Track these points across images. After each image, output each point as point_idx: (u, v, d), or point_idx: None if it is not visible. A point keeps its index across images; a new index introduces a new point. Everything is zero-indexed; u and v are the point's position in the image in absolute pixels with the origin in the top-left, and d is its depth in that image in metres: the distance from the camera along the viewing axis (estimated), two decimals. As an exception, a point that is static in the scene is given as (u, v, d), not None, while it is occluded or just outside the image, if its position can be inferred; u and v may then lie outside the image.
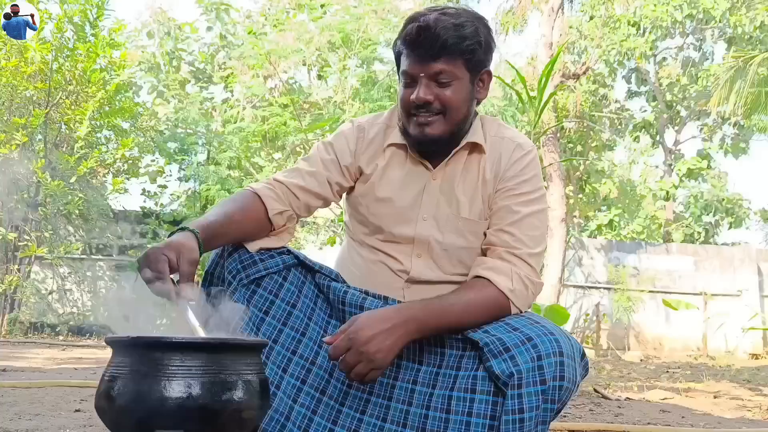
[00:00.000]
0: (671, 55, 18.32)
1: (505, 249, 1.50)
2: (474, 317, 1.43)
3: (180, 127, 11.68)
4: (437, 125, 1.52)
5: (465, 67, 1.51)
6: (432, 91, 1.49)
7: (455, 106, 1.51)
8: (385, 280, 1.61)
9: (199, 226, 1.39)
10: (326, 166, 1.63)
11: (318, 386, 1.50)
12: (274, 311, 1.52)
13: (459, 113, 1.53)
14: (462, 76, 1.51)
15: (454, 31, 1.47)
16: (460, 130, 1.56)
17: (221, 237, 1.46)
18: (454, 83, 1.50)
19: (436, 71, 1.48)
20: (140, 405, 1.01)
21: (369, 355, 1.32)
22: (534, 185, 1.57)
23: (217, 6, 13.47)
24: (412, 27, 1.50)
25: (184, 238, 1.32)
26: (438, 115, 1.51)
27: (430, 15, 1.50)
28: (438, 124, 1.52)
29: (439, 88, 1.50)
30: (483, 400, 1.37)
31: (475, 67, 1.53)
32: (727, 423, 3.24)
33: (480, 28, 1.52)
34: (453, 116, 1.52)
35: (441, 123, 1.52)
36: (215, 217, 1.45)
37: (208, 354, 1.04)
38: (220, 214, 1.47)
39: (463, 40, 1.48)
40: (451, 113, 1.51)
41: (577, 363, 1.37)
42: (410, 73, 1.51)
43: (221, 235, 1.45)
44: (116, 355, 1.07)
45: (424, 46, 1.47)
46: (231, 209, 1.50)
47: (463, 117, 1.55)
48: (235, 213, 1.49)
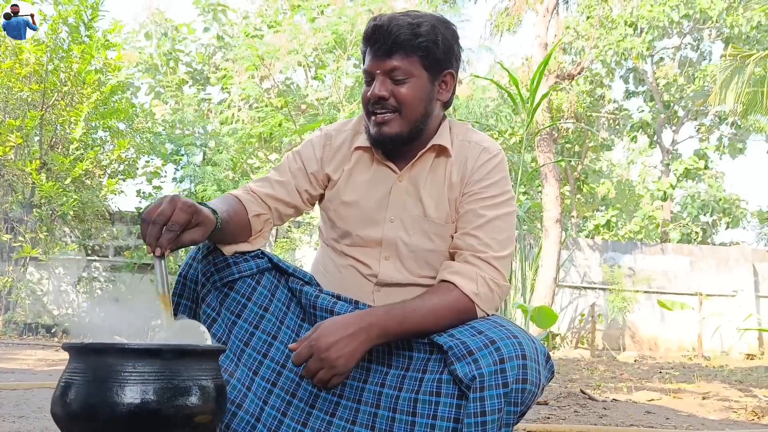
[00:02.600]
0: (669, 55, 18.32)
1: (471, 252, 1.51)
2: (438, 321, 1.44)
3: (177, 128, 11.69)
4: (394, 123, 1.54)
5: (421, 65, 1.53)
6: (387, 88, 1.52)
7: (410, 103, 1.53)
8: (355, 284, 1.62)
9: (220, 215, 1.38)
10: (294, 174, 1.65)
11: (288, 389, 1.51)
12: (246, 314, 1.53)
13: (415, 111, 1.54)
14: (418, 75, 1.53)
15: (408, 29, 1.50)
16: (419, 131, 1.57)
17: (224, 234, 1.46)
18: (410, 81, 1.52)
19: (390, 68, 1.51)
20: (93, 411, 1.02)
21: (330, 361, 1.34)
22: (500, 189, 1.58)
23: (214, 7, 13.49)
24: (369, 25, 1.54)
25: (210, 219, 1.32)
26: (394, 113, 1.53)
27: (388, 15, 1.55)
28: (394, 122, 1.54)
29: (394, 85, 1.52)
30: (447, 403, 1.39)
31: (434, 66, 1.55)
32: (711, 424, 3.25)
33: (439, 28, 1.54)
34: (408, 114, 1.54)
35: (397, 121, 1.54)
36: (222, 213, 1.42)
37: (161, 360, 1.05)
38: (222, 211, 1.44)
39: (417, 37, 1.50)
40: (407, 111, 1.53)
41: (541, 366, 1.38)
42: (368, 70, 1.55)
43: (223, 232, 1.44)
44: (71, 361, 1.08)
45: (379, 43, 1.51)
46: (226, 208, 1.49)
47: (421, 116, 1.56)
48: (231, 213, 1.50)
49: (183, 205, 1.22)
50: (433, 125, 1.60)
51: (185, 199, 1.24)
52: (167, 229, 1.20)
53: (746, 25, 14.11)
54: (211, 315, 1.51)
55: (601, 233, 17.28)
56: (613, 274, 11.39)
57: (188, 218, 1.23)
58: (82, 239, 9.55)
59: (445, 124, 1.64)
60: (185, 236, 1.24)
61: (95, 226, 9.22)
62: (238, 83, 11.05)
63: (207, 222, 1.29)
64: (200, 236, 1.27)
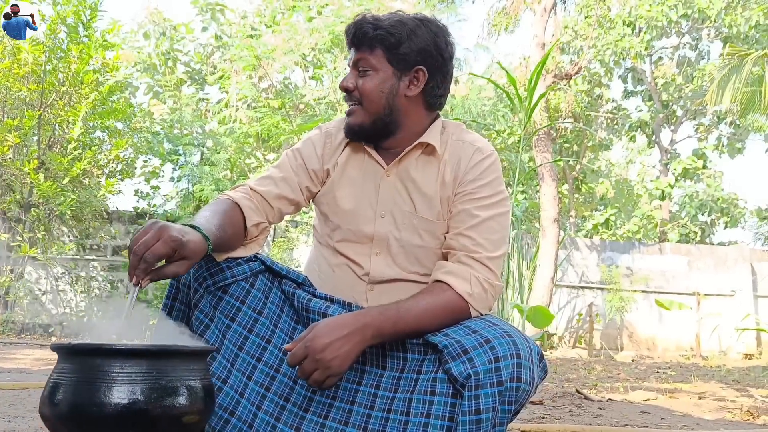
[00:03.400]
0: (667, 55, 18.34)
1: (464, 253, 1.52)
2: (432, 321, 1.45)
3: (175, 127, 11.70)
4: (357, 115, 1.60)
5: (386, 59, 1.57)
6: (353, 80, 1.58)
7: (368, 95, 1.57)
8: (348, 284, 1.63)
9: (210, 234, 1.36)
10: (296, 171, 1.66)
11: (282, 393, 1.51)
12: (240, 318, 1.53)
13: (375, 104, 1.58)
14: (381, 68, 1.57)
15: (375, 22, 1.56)
16: (385, 124, 1.60)
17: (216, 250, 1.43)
18: (371, 73, 1.57)
19: (356, 59, 1.58)
20: (80, 411, 1.03)
21: (325, 362, 1.34)
22: (493, 189, 1.59)
23: (212, 7, 13.49)
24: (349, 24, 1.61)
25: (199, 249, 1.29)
26: (357, 105, 1.59)
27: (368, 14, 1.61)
28: (357, 113, 1.60)
29: (359, 77, 1.58)
30: (441, 401, 1.39)
31: (399, 61, 1.57)
32: (706, 424, 3.25)
33: (411, 25, 1.57)
34: (368, 106, 1.58)
35: (360, 113, 1.59)
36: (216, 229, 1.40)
37: (148, 360, 1.05)
38: (219, 227, 1.43)
39: (376, 29, 1.55)
40: (366, 103, 1.58)
41: (535, 365, 1.39)
42: (348, 65, 1.62)
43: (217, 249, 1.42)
44: (60, 362, 1.09)
45: (350, 36, 1.58)
46: (222, 221, 1.46)
47: (383, 109, 1.58)
48: (226, 225, 1.47)
49: (168, 238, 1.20)
50: (412, 121, 1.62)
51: (172, 232, 1.21)
52: (143, 259, 1.18)
53: (744, 25, 14.13)
54: (204, 321, 1.50)
55: (600, 233, 17.30)
56: (610, 273, 11.40)
57: (168, 252, 1.21)
58: (80, 239, 9.56)
59: (437, 124, 1.65)
60: (168, 269, 1.23)
61: (93, 225, 9.22)
62: (236, 83, 11.06)
63: (193, 255, 1.27)
64: (184, 270, 1.26)
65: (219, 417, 1.44)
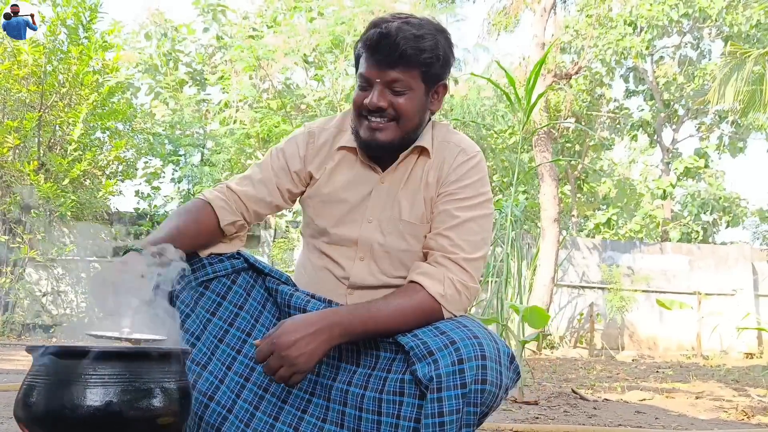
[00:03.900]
0: (668, 54, 18.29)
1: (441, 253, 1.51)
2: (403, 322, 1.45)
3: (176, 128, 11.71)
4: (389, 131, 1.54)
5: (421, 78, 1.53)
6: (386, 98, 1.52)
7: (408, 115, 1.54)
8: (329, 286, 1.63)
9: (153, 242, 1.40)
10: (276, 172, 1.66)
11: (261, 384, 1.53)
12: (221, 312, 1.57)
13: (411, 122, 1.56)
14: (417, 87, 1.54)
15: (414, 42, 1.49)
16: (410, 139, 1.59)
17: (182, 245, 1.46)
18: (409, 93, 1.53)
19: (391, 79, 1.51)
20: (54, 414, 1.03)
21: (290, 359, 1.34)
22: (475, 190, 1.58)
23: (213, 7, 13.51)
24: (374, 32, 1.52)
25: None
26: (391, 122, 1.54)
27: (393, 23, 1.52)
28: (389, 130, 1.54)
29: (393, 95, 1.52)
30: (410, 403, 1.39)
31: (431, 79, 1.56)
32: (700, 424, 3.25)
33: (440, 42, 1.55)
34: (405, 124, 1.55)
35: (393, 130, 1.55)
36: (165, 233, 1.46)
37: (122, 362, 1.05)
38: (173, 228, 1.49)
39: (422, 52, 1.50)
40: (404, 122, 1.54)
41: (504, 367, 1.37)
42: (366, 76, 1.54)
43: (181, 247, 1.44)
44: (34, 363, 1.09)
45: (383, 53, 1.50)
46: (185, 222, 1.53)
47: (415, 126, 1.57)
48: (189, 226, 1.52)
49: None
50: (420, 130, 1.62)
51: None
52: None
53: (746, 24, 14.07)
54: (185, 311, 1.54)
55: (602, 232, 17.27)
56: (611, 273, 11.38)
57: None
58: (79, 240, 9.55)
59: (428, 126, 1.65)
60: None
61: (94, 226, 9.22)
62: (236, 83, 11.07)
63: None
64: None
65: (199, 402, 1.47)
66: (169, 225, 1.51)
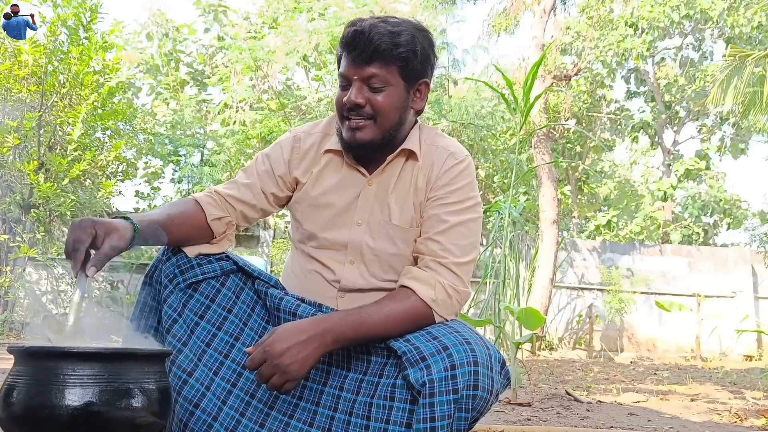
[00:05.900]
0: (670, 56, 18.28)
1: (432, 258, 1.52)
2: (394, 327, 1.45)
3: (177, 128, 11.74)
4: (368, 130, 1.54)
5: (399, 74, 1.53)
6: (363, 95, 1.52)
7: (386, 111, 1.53)
8: (319, 289, 1.63)
9: (140, 220, 1.41)
10: (261, 177, 1.66)
11: (248, 390, 1.53)
12: (209, 316, 1.56)
13: (390, 120, 1.55)
14: (396, 84, 1.53)
15: (389, 38, 1.50)
16: (392, 138, 1.58)
17: (161, 235, 1.47)
18: (387, 89, 1.53)
19: (368, 75, 1.51)
20: (34, 414, 1.04)
21: (283, 367, 1.35)
22: (464, 194, 1.58)
23: (215, 8, 13.54)
24: (349, 31, 1.53)
25: (122, 224, 1.33)
26: (369, 120, 1.53)
27: (368, 21, 1.53)
28: (369, 129, 1.54)
29: (371, 92, 1.52)
30: (400, 407, 1.40)
31: (411, 76, 1.56)
32: (693, 427, 3.25)
33: (418, 38, 1.54)
34: (383, 122, 1.54)
35: (372, 128, 1.54)
36: (158, 216, 1.48)
37: (100, 363, 1.07)
38: (163, 214, 1.51)
39: (397, 47, 1.50)
40: (382, 119, 1.54)
41: (495, 372, 1.39)
42: (345, 75, 1.54)
43: (161, 233, 1.47)
44: (15, 364, 1.10)
45: (358, 49, 1.50)
46: (173, 212, 1.54)
47: (395, 124, 1.56)
48: (176, 215, 1.53)
49: (78, 225, 1.26)
50: (404, 131, 1.62)
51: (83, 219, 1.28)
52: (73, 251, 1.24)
53: (747, 26, 14.07)
54: (172, 316, 1.54)
55: (602, 234, 17.26)
56: (610, 275, 11.38)
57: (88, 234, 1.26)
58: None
59: (415, 129, 1.65)
60: (104, 247, 1.26)
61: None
62: (236, 83, 11.08)
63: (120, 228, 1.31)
64: (118, 240, 1.29)
65: (184, 409, 1.48)
66: (159, 212, 1.52)
